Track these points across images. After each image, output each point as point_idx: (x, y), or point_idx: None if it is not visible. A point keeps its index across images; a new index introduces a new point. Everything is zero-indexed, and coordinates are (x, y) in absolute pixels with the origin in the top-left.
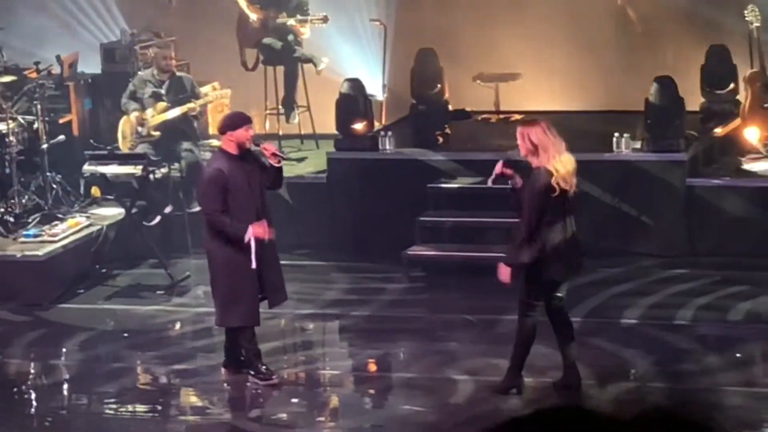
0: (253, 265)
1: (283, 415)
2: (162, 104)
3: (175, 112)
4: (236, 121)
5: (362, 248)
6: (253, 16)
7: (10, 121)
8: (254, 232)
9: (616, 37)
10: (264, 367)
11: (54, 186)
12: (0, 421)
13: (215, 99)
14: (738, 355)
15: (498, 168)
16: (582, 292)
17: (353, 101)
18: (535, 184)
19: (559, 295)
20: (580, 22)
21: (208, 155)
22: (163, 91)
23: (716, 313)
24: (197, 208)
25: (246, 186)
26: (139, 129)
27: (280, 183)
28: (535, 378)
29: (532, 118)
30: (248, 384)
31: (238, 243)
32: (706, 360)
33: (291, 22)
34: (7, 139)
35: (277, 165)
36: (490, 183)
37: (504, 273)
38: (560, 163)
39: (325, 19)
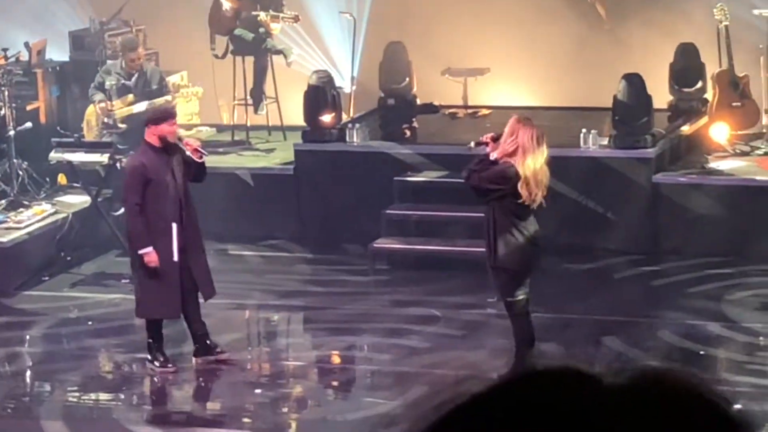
0: (175, 258)
1: (247, 405)
2: (129, 97)
3: (142, 107)
4: (160, 115)
5: (328, 240)
6: (227, 5)
7: None
8: (147, 259)
9: (585, 34)
10: (162, 354)
11: (20, 173)
12: None
13: (183, 95)
14: (701, 352)
15: (486, 137)
16: (544, 288)
17: (321, 93)
18: (505, 171)
19: (521, 294)
20: (548, 19)
21: None
22: (131, 84)
23: (680, 311)
24: (121, 211)
25: (170, 177)
26: (106, 120)
27: (202, 177)
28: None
29: (527, 117)
30: (216, 372)
31: (135, 244)
32: (670, 356)
33: (262, 16)
34: None
35: (198, 161)
36: (472, 144)
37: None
38: (531, 171)
39: (296, 19)
